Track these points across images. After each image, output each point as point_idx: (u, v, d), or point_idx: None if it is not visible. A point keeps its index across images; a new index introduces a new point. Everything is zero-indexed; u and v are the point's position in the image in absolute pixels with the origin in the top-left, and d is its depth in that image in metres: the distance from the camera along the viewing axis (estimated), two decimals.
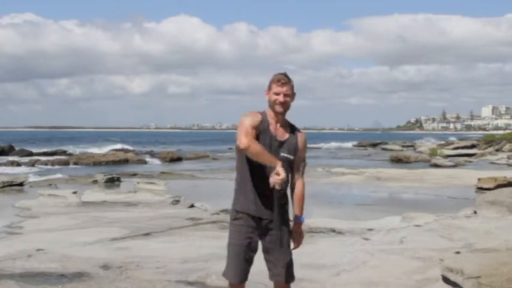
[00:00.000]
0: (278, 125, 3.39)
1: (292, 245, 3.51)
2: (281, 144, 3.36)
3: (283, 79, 3.35)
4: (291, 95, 3.39)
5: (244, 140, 3.17)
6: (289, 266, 3.42)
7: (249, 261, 3.40)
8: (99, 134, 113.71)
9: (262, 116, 3.35)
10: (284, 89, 3.34)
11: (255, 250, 3.42)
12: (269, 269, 3.45)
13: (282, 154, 3.33)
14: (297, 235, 3.50)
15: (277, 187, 3.15)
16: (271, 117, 3.38)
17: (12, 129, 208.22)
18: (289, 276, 3.43)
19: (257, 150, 3.17)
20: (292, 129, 3.45)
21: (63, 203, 11.49)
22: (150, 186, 14.88)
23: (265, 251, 3.43)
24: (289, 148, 3.39)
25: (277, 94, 3.34)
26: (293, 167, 3.44)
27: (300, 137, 3.46)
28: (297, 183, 3.48)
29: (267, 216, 3.35)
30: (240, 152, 3.31)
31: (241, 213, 3.39)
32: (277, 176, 3.11)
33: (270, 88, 3.38)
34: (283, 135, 3.39)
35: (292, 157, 3.39)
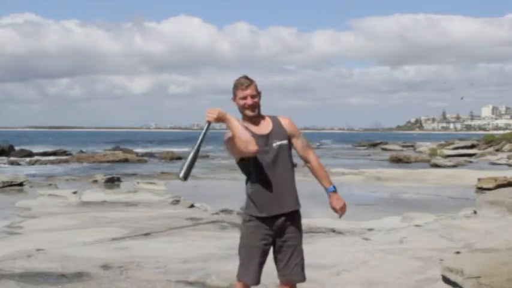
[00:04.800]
0: (256, 125, 3.37)
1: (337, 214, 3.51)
2: (268, 136, 3.35)
3: (245, 82, 3.35)
4: (257, 95, 3.38)
5: (226, 144, 3.29)
6: (301, 266, 3.42)
7: (262, 263, 3.41)
8: (99, 134, 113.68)
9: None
10: (248, 91, 3.34)
11: (268, 252, 3.42)
12: (279, 269, 3.43)
13: (274, 144, 3.33)
14: (336, 203, 3.45)
15: (208, 118, 3.22)
16: (247, 122, 3.37)
17: (12, 129, 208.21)
18: (301, 276, 3.43)
19: (235, 136, 3.21)
20: (272, 119, 3.44)
21: (63, 203, 11.49)
22: (150, 186, 14.86)
23: (278, 251, 3.41)
24: (279, 135, 3.37)
25: (244, 98, 3.34)
26: (296, 147, 3.44)
27: (284, 121, 3.44)
28: (309, 158, 3.46)
29: (278, 212, 3.33)
30: (242, 160, 3.35)
31: (254, 216, 3.38)
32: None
33: (235, 95, 3.38)
34: (266, 129, 3.38)
35: (285, 141, 3.38)
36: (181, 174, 3.22)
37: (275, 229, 3.36)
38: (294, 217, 3.41)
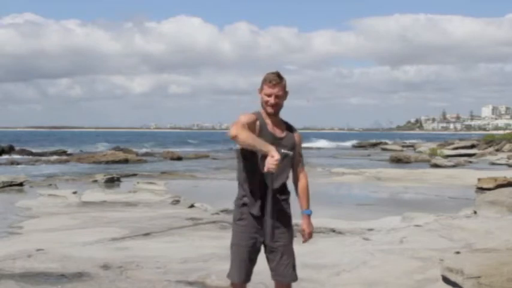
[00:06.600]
0: (273, 124, 3.40)
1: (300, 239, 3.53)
2: (280, 141, 3.37)
3: (275, 80, 3.33)
4: (283, 95, 3.38)
5: (232, 129, 3.10)
6: (292, 266, 3.43)
7: (252, 262, 3.41)
8: (99, 134, 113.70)
9: (257, 116, 3.35)
10: (275, 90, 3.33)
11: (258, 251, 3.43)
12: (272, 269, 3.44)
13: (282, 151, 3.34)
14: (307, 227, 3.49)
15: (273, 170, 3.02)
16: (265, 117, 3.38)
17: (12, 129, 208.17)
18: (293, 276, 3.44)
19: (246, 136, 3.08)
20: (287, 126, 3.48)
21: (63, 203, 11.49)
22: (150, 186, 14.85)
23: (269, 250, 3.42)
24: (288, 144, 3.41)
25: (269, 96, 3.33)
26: (293, 162, 3.46)
27: (296, 133, 3.50)
28: (300, 177, 3.51)
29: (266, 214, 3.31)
30: (245, 159, 3.33)
31: (245, 214, 3.38)
32: (272, 158, 3.00)
33: (262, 88, 3.38)
34: (280, 133, 3.41)
35: (291, 153, 3.41)
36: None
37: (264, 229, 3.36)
38: (283, 216, 3.39)
